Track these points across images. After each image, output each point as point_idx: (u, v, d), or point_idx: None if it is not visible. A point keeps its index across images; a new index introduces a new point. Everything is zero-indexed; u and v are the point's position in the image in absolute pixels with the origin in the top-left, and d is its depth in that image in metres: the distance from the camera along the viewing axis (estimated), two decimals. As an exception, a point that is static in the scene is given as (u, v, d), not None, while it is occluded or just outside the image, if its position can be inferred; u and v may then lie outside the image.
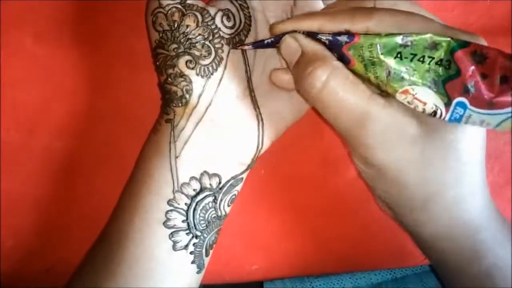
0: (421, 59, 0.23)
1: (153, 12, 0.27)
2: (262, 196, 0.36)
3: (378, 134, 0.24)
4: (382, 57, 0.23)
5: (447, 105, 0.23)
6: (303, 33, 0.25)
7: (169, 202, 0.27)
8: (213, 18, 0.27)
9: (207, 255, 0.29)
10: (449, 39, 0.22)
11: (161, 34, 0.27)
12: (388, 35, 0.23)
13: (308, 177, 0.36)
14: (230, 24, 0.28)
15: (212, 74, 0.27)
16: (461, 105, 0.22)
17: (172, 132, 0.28)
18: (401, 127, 0.24)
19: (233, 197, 0.30)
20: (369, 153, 0.24)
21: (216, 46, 0.27)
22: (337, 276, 0.40)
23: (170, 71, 0.27)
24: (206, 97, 0.27)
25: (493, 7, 0.36)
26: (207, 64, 0.27)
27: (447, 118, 0.23)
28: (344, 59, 0.24)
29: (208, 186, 0.28)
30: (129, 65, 0.33)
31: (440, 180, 0.24)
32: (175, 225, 0.27)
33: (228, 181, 0.29)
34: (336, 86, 0.24)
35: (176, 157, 0.27)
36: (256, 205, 0.36)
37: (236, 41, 0.28)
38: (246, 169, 0.29)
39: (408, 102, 0.23)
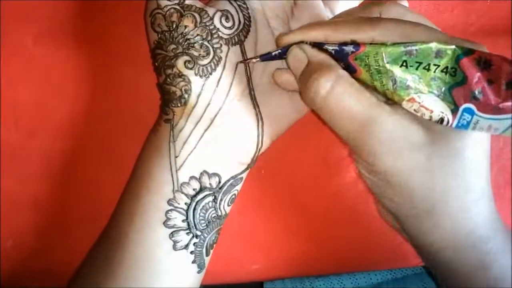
0: (427, 67, 0.23)
1: (151, 13, 0.27)
2: (262, 196, 0.36)
3: (383, 141, 0.24)
4: (388, 66, 0.23)
5: (454, 111, 0.23)
6: (310, 43, 0.26)
7: (169, 202, 0.27)
8: (212, 19, 0.27)
9: (207, 255, 0.29)
10: (454, 47, 0.22)
11: (159, 35, 0.27)
12: (394, 44, 0.23)
13: (309, 177, 0.36)
14: (229, 24, 0.28)
15: (211, 74, 0.27)
16: (468, 111, 0.22)
17: (171, 132, 0.28)
18: (407, 134, 0.24)
19: (233, 196, 0.30)
20: (375, 160, 0.24)
21: (215, 46, 0.27)
22: (337, 276, 0.40)
23: (169, 71, 0.27)
24: (205, 97, 0.27)
25: (493, 6, 0.36)
26: (206, 64, 0.27)
27: (454, 125, 0.23)
28: (350, 69, 0.25)
29: (208, 185, 0.28)
30: (130, 65, 0.33)
31: (445, 188, 0.24)
32: (175, 224, 0.27)
33: (228, 180, 0.29)
34: (341, 93, 0.24)
35: (176, 157, 0.27)
36: (256, 205, 0.36)
37: (235, 42, 0.28)
38: (246, 169, 0.29)
39: (414, 110, 0.23)
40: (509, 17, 0.35)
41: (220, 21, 0.28)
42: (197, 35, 0.27)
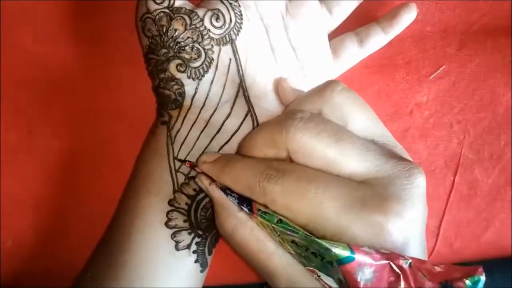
0: (314, 254, 0.21)
1: (141, 18, 0.27)
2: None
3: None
4: (280, 240, 0.22)
5: None
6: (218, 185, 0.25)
7: (169, 202, 0.27)
8: (202, 20, 0.27)
9: (210, 254, 0.29)
10: (332, 250, 0.19)
11: (150, 40, 0.27)
12: (280, 222, 0.22)
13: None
14: (219, 24, 0.28)
15: (203, 75, 0.27)
16: None
17: (168, 134, 0.28)
18: (305, 283, 0.23)
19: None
20: None
21: (206, 47, 0.28)
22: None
23: (162, 75, 0.27)
24: (199, 99, 0.28)
25: (495, 5, 0.35)
26: (198, 67, 0.27)
27: None
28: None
29: None
30: (129, 65, 0.33)
31: None
32: (176, 225, 0.27)
33: None
34: (240, 239, 0.24)
35: (175, 158, 0.28)
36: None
37: (226, 41, 0.28)
38: None
39: (315, 278, 0.22)
40: (510, 17, 0.35)
41: (211, 22, 0.28)
42: (188, 37, 0.27)
